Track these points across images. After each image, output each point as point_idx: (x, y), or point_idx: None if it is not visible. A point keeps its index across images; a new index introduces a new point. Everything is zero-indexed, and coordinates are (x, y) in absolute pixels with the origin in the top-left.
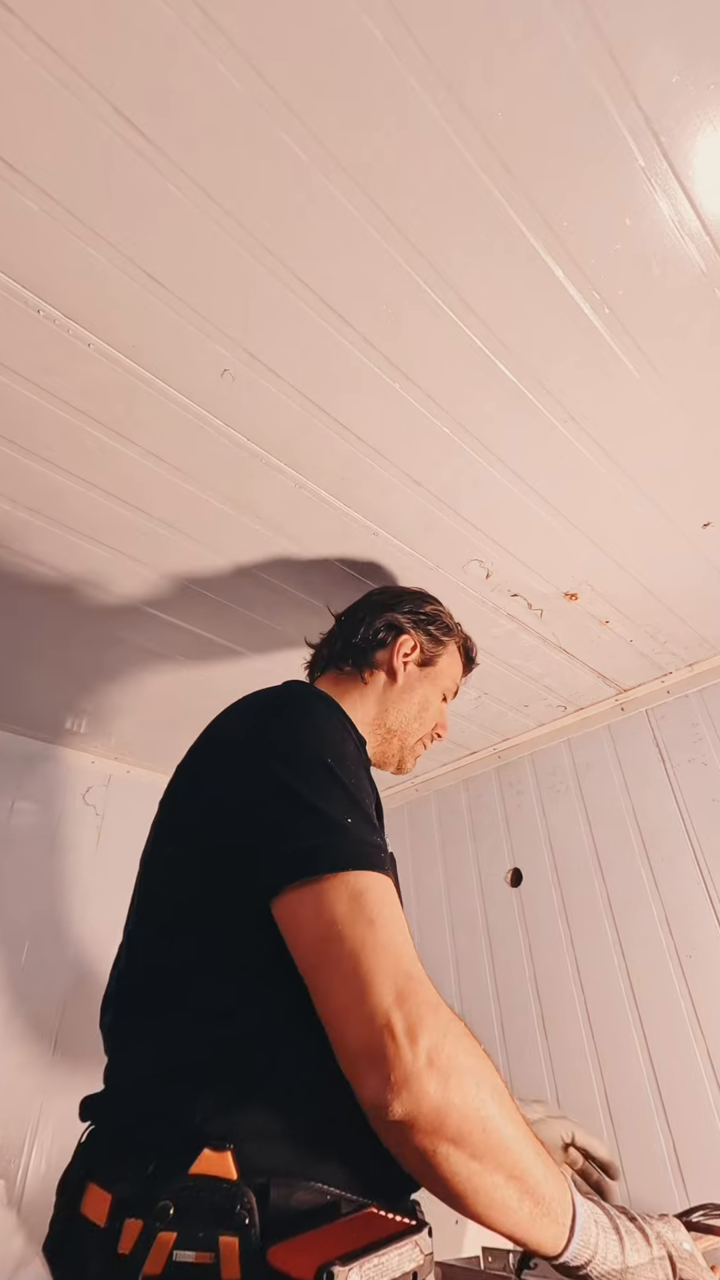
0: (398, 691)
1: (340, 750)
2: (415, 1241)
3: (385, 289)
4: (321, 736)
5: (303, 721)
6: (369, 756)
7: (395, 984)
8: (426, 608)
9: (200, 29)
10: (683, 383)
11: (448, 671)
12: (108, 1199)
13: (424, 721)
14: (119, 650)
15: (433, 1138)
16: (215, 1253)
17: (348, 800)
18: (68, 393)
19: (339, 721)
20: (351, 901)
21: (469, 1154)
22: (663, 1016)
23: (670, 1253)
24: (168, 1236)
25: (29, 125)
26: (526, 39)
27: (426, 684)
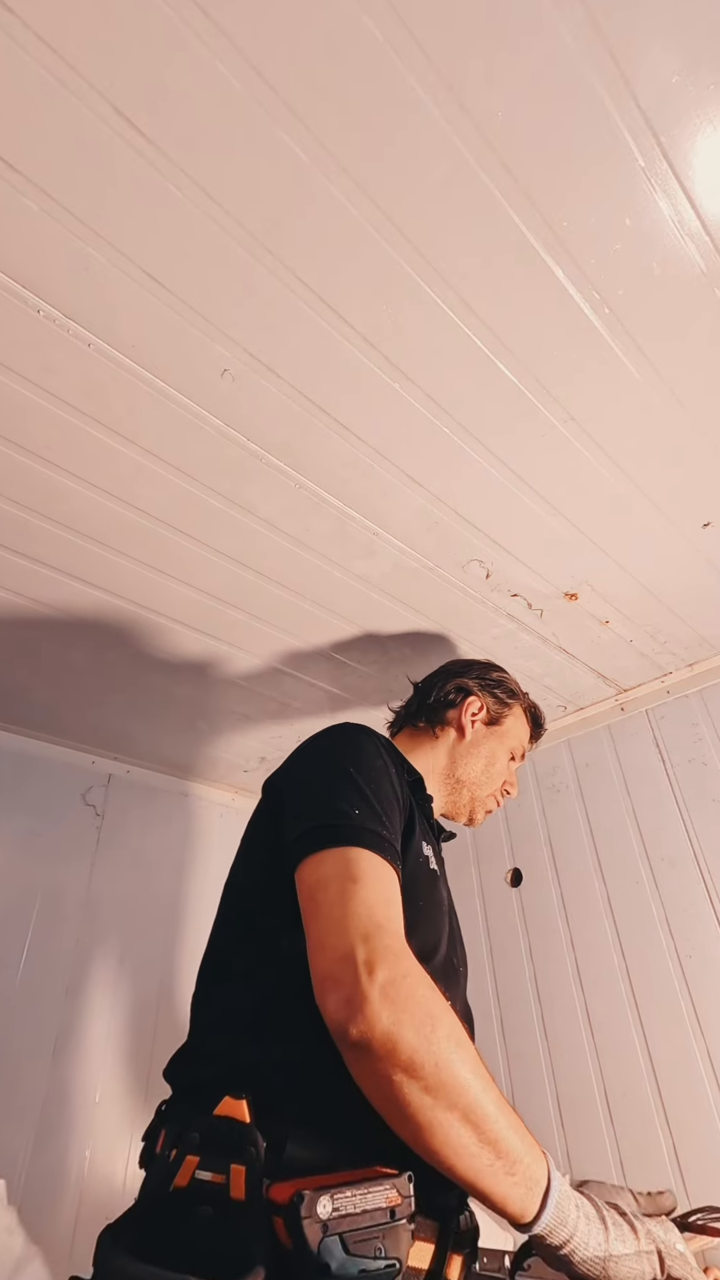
0: (466, 746)
1: (366, 763)
2: (393, 1184)
3: (385, 289)
4: (347, 751)
5: (334, 741)
6: (431, 796)
7: (364, 926)
8: (493, 674)
9: (200, 29)
10: (683, 382)
11: (513, 732)
12: (163, 1135)
13: (491, 776)
14: (119, 651)
15: (385, 1063)
16: (227, 1175)
17: (359, 797)
18: (68, 393)
19: (373, 744)
20: (342, 865)
21: (421, 1086)
22: (663, 1016)
23: (660, 1249)
24: (193, 1159)
25: (29, 125)
26: (526, 39)
27: (493, 741)
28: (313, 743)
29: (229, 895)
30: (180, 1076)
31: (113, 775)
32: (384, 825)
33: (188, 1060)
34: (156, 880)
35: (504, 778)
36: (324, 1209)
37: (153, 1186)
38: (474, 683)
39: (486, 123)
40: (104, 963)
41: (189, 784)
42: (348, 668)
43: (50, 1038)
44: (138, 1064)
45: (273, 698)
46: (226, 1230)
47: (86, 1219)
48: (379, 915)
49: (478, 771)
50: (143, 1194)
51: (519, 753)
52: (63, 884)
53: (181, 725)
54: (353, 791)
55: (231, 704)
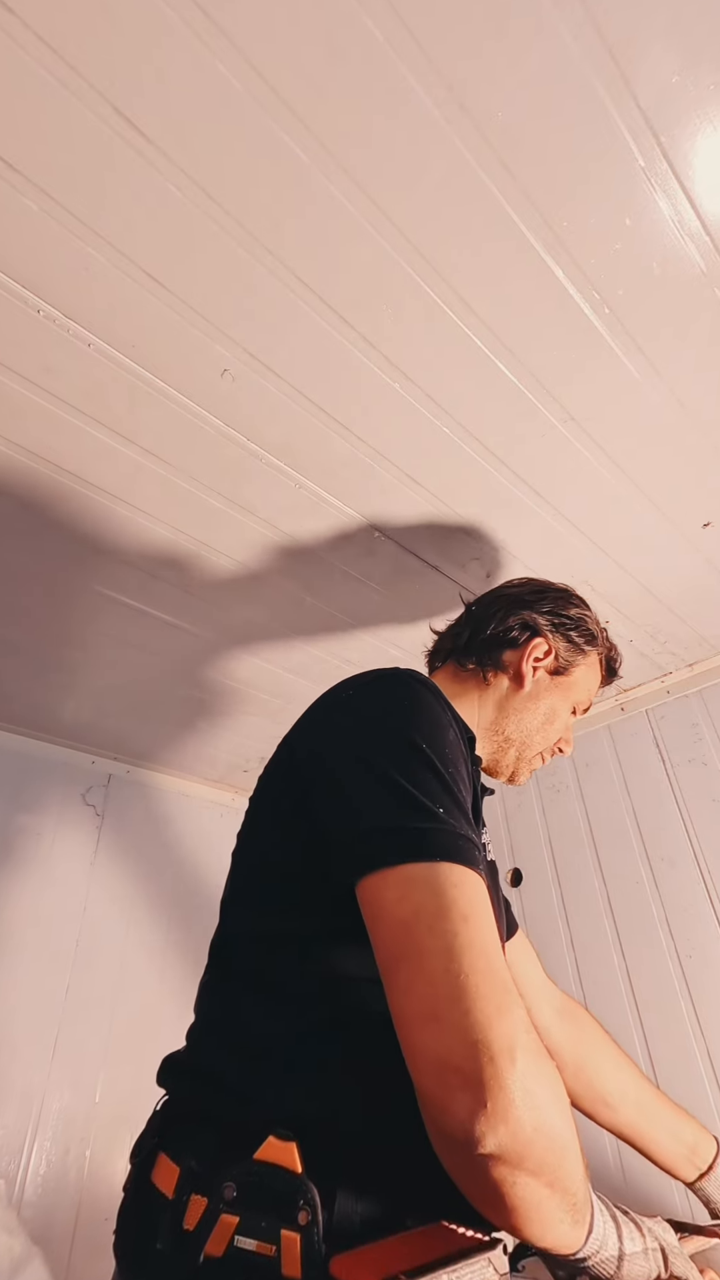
0: (522, 699)
1: (439, 736)
2: (489, 1259)
3: (385, 289)
4: (418, 720)
5: (398, 702)
6: (480, 757)
7: (496, 997)
8: (571, 610)
9: (200, 29)
10: (683, 382)
11: (583, 683)
12: (176, 1172)
13: (547, 734)
14: (119, 651)
15: (514, 1170)
16: (277, 1246)
17: (441, 786)
18: (68, 393)
19: (440, 708)
20: (444, 893)
21: (544, 1182)
22: (663, 1016)
23: (663, 1247)
24: (230, 1220)
25: (29, 125)
26: (526, 39)
27: (556, 694)
28: (362, 699)
29: (242, 884)
30: (188, 1089)
31: (113, 775)
32: (472, 826)
33: (197, 1075)
34: (156, 880)
35: (560, 735)
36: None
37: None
38: (545, 619)
39: (486, 123)
40: (104, 962)
41: (189, 784)
42: (350, 667)
43: (50, 1037)
44: (138, 1064)
45: (270, 698)
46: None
47: (86, 1219)
48: (504, 974)
49: (532, 729)
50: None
51: (584, 706)
52: (63, 884)
53: (181, 725)
54: (433, 780)
55: (230, 703)
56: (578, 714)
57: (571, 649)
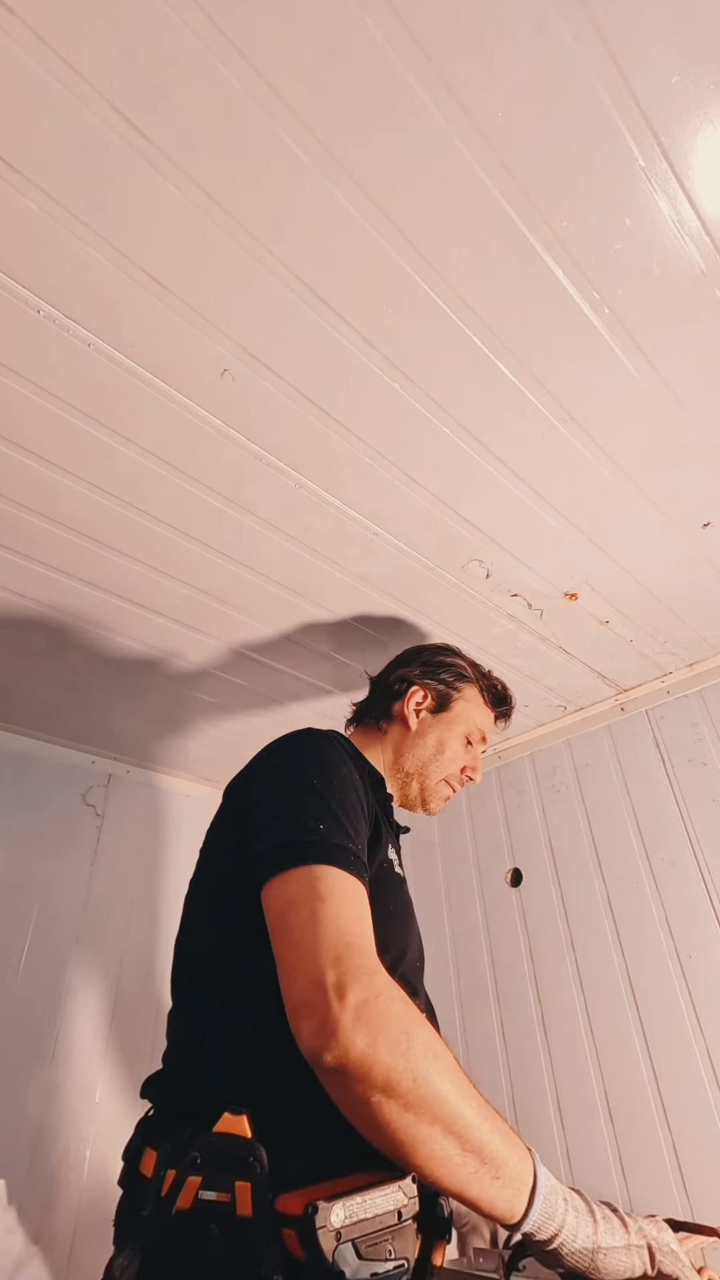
0: (412, 738)
1: (330, 773)
2: (399, 1185)
3: (385, 288)
4: (311, 762)
5: (297, 751)
6: (390, 795)
7: (334, 949)
8: (440, 659)
9: (200, 29)
10: (683, 382)
11: (465, 716)
12: (155, 1156)
13: (442, 764)
14: (118, 649)
15: (363, 1086)
16: (232, 1193)
17: (324, 811)
18: (68, 393)
19: (337, 752)
20: (310, 884)
21: (401, 1104)
22: (663, 1016)
23: (650, 1244)
24: (195, 1180)
25: (29, 125)
26: (526, 39)
27: (440, 728)
28: (275, 751)
29: (199, 901)
30: (164, 1094)
31: (113, 775)
32: (350, 839)
33: (175, 1080)
34: (156, 880)
35: (460, 763)
36: (337, 1217)
37: (149, 1212)
38: (417, 670)
39: (486, 123)
40: (104, 962)
41: (189, 784)
42: (348, 667)
43: (50, 1037)
44: (138, 1064)
45: (272, 697)
46: (236, 1248)
47: (86, 1219)
48: (349, 935)
49: (424, 760)
50: (130, 1218)
51: (477, 736)
52: (63, 884)
53: (181, 725)
54: (318, 805)
55: (230, 702)
56: (474, 744)
57: (444, 687)
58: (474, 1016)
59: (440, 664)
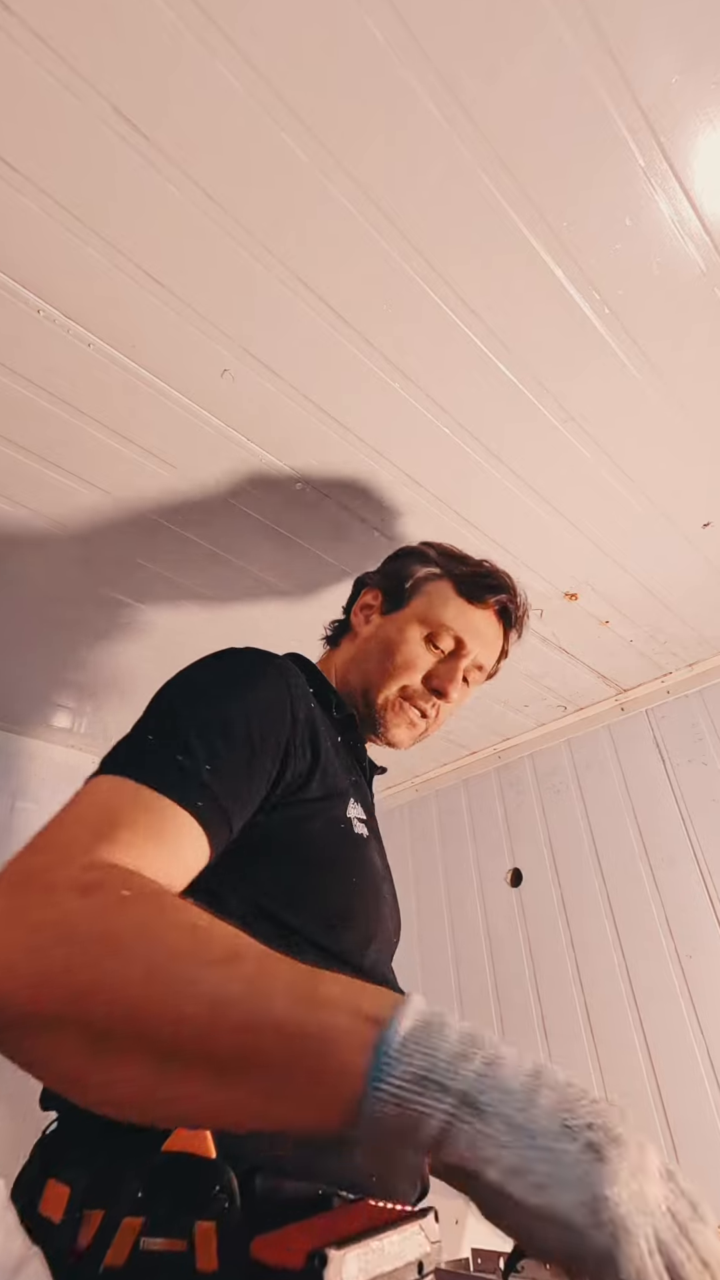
0: (359, 645)
1: (218, 691)
2: (420, 1226)
3: (385, 289)
4: (197, 681)
5: (200, 664)
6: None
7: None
8: (398, 557)
9: (200, 29)
10: (683, 383)
11: (425, 612)
12: (66, 1192)
13: (392, 670)
14: (121, 649)
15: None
16: (189, 1239)
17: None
18: (68, 393)
19: (243, 667)
20: (82, 792)
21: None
22: (663, 1016)
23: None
24: (133, 1222)
25: (29, 125)
26: (526, 39)
27: (391, 627)
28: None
29: None
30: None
31: None
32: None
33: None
34: None
35: (418, 670)
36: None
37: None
38: (374, 574)
39: (486, 123)
40: None
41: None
42: None
43: None
44: None
45: None
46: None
47: None
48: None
49: (371, 668)
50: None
51: (448, 636)
52: None
53: None
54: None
55: None
56: (442, 646)
57: (396, 583)
58: (474, 1016)
59: (397, 558)
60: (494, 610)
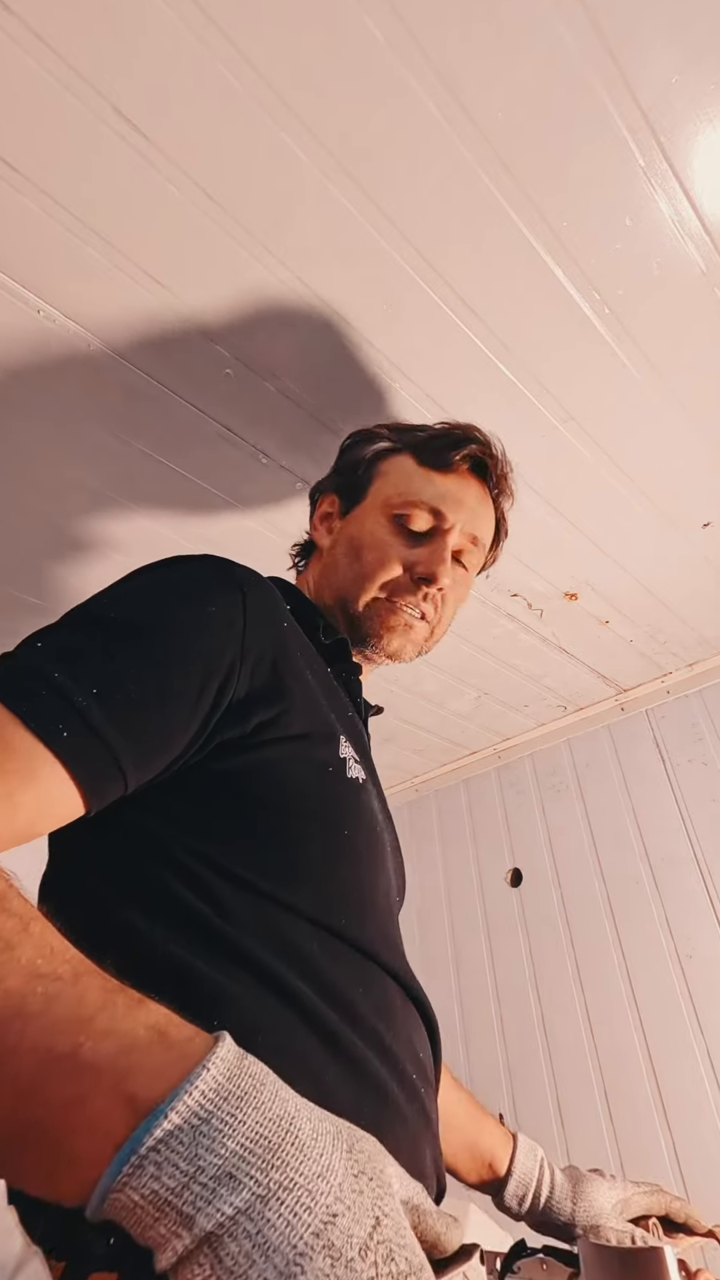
0: (324, 555)
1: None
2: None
3: (384, 288)
4: (126, 584)
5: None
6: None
7: None
8: (348, 441)
9: (200, 29)
10: (683, 383)
11: (384, 495)
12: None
13: (363, 571)
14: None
15: None
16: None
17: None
18: (68, 393)
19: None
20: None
21: None
22: (663, 1016)
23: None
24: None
25: (29, 125)
26: (526, 39)
27: (353, 525)
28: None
29: None
30: None
31: None
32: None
33: None
34: None
35: (396, 561)
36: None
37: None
38: (325, 478)
39: (486, 122)
40: None
41: None
42: None
43: None
44: None
45: None
46: None
47: None
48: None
49: (341, 572)
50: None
51: (422, 511)
52: None
53: None
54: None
55: None
56: (418, 525)
57: (349, 477)
58: (474, 1016)
59: (349, 445)
60: (467, 470)
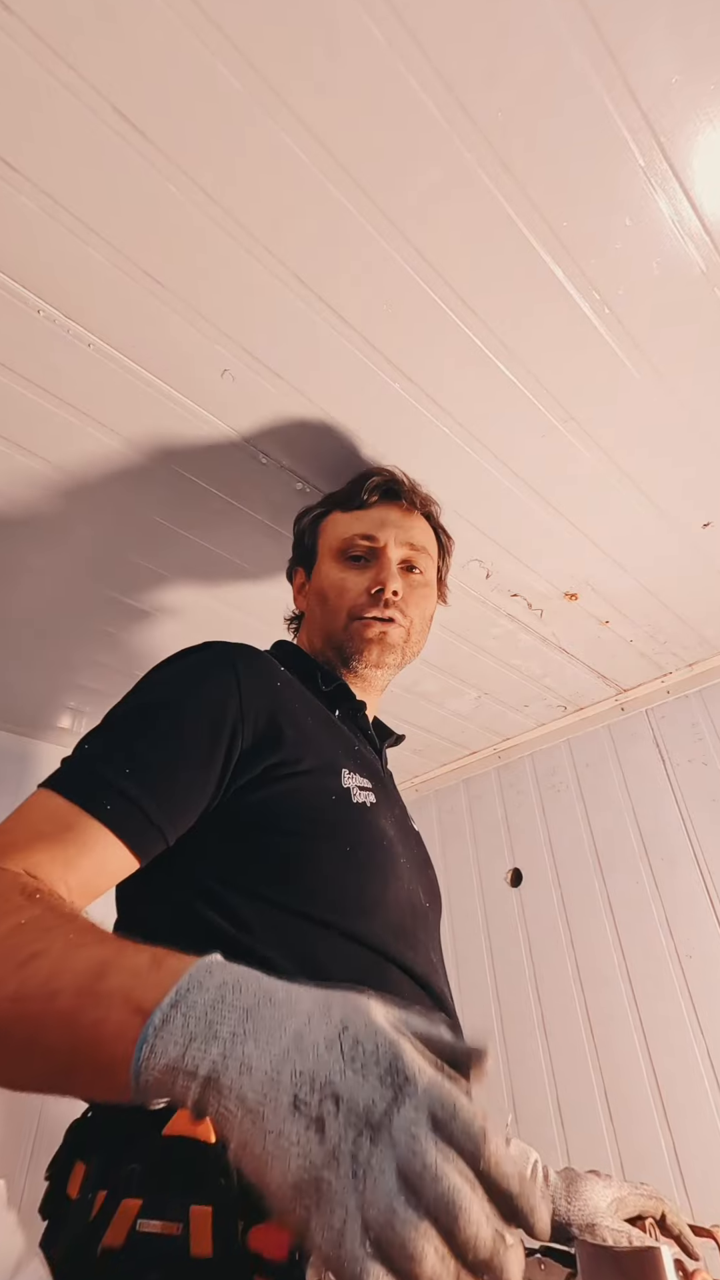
0: (307, 614)
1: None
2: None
3: (384, 288)
4: (142, 684)
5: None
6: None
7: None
8: (295, 523)
9: (200, 28)
10: (683, 382)
11: (327, 547)
12: (84, 1171)
13: (331, 609)
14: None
15: None
16: (184, 1223)
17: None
18: (68, 393)
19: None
20: (24, 806)
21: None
22: (663, 1016)
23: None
24: (132, 1204)
25: (29, 125)
26: (526, 39)
27: (316, 581)
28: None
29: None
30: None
31: None
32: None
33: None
34: None
35: (354, 588)
36: None
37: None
38: (290, 559)
39: (486, 122)
40: None
41: None
42: None
43: None
44: None
45: None
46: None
47: None
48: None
49: (318, 620)
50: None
51: (357, 544)
52: None
53: None
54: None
55: None
56: (359, 553)
57: (302, 548)
58: (474, 1016)
59: (295, 525)
60: (379, 499)
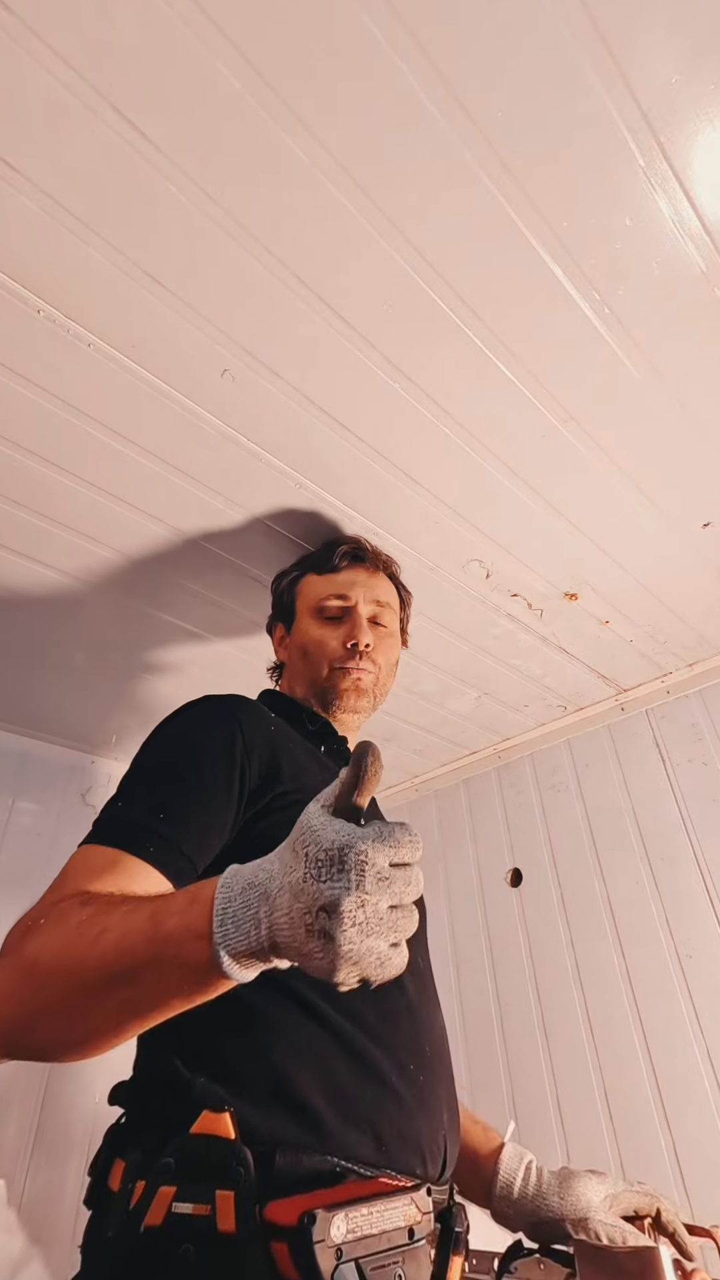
0: (288, 665)
1: (169, 745)
2: (411, 1199)
3: (384, 288)
4: (156, 739)
5: (163, 722)
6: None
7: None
8: (273, 583)
9: (200, 28)
10: (683, 382)
11: (305, 605)
12: (124, 1166)
13: (312, 661)
14: (119, 652)
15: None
16: (212, 1204)
17: (135, 787)
18: (68, 393)
19: (192, 717)
20: (71, 862)
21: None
22: (663, 1016)
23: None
24: (168, 1190)
25: (28, 125)
26: (526, 39)
27: (296, 637)
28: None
29: None
30: (134, 1098)
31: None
32: (153, 812)
33: (145, 1082)
34: None
35: (331, 641)
36: (338, 1231)
37: (115, 1230)
38: (270, 615)
39: (486, 122)
40: None
41: None
42: None
43: None
44: None
45: None
46: (216, 1270)
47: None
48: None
49: (300, 672)
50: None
51: (331, 603)
52: None
53: None
54: (138, 785)
55: None
56: (332, 612)
57: (281, 607)
58: (474, 1016)
59: (274, 585)
60: (348, 563)
